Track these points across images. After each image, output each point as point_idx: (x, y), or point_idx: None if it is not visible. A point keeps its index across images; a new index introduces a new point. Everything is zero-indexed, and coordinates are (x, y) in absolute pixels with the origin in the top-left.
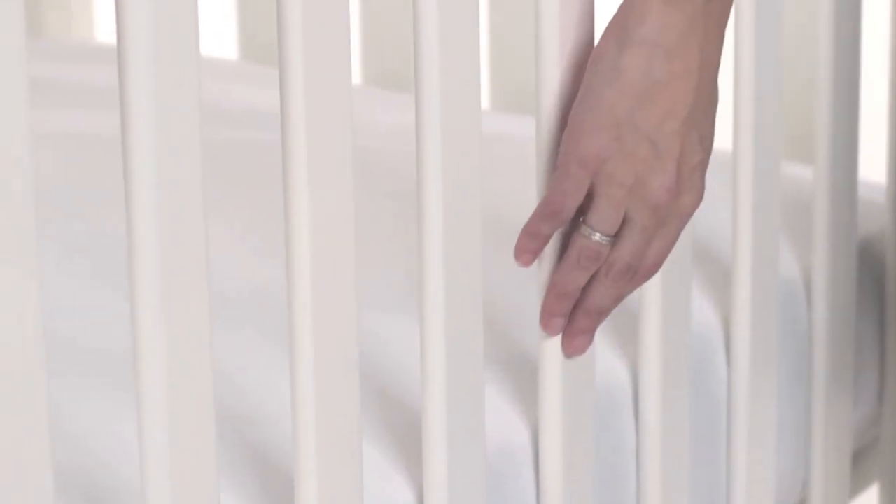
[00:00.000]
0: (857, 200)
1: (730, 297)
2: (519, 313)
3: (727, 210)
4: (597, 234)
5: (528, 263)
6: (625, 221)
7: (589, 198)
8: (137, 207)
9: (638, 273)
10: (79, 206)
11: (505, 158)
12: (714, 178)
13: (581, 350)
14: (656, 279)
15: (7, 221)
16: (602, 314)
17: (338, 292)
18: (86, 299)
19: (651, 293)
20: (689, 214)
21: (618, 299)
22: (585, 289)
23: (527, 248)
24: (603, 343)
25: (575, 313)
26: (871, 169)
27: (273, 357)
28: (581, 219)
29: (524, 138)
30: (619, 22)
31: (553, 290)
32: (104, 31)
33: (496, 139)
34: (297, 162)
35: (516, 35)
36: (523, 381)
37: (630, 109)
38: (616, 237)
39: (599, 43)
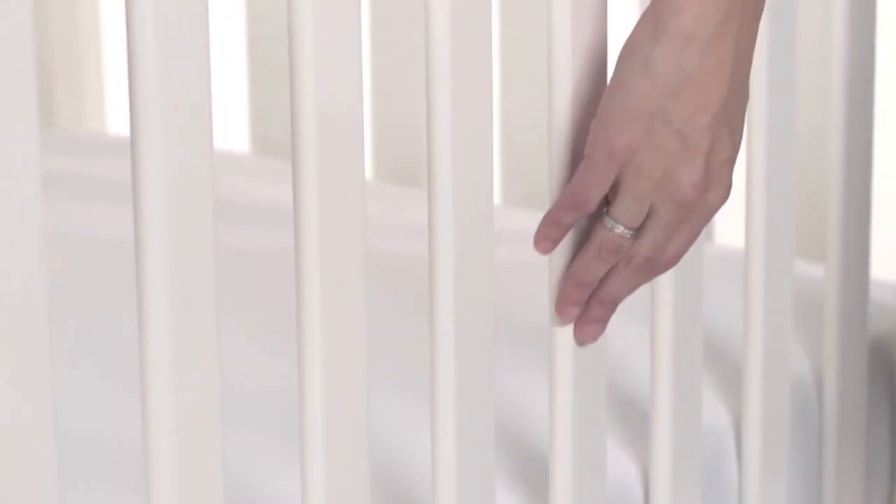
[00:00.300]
0: (868, 300)
1: (741, 397)
2: (531, 416)
3: (738, 309)
4: (619, 226)
5: (546, 251)
6: (648, 215)
7: (613, 189)
8: (149, 304)
9: (656, 266)
10: (91, 303)
11: (517, 254)
12: (725, 277)
13: (593, 338)
14: (668, 381)
15: (19, 319)
16: (616, 303)
17: (349, 393)
18: (97, 399)
19: (662, 393)
20: (715, 211)
21: (633, 289)
22: (602, 278)
23: (547, 236)
24: (614, 445)
25: (589, 302)
26: (882, 268)
27: (284, 458)
28: (605, 210)
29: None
30: (653, 12)
31: (571, 279)
32: (116, 123)
33: (508, 235)
34: (310, 258)
35: (528, 130)
36: (534, 486)
37: (661, 102)
38: (638, 230)
39: (632, 33)
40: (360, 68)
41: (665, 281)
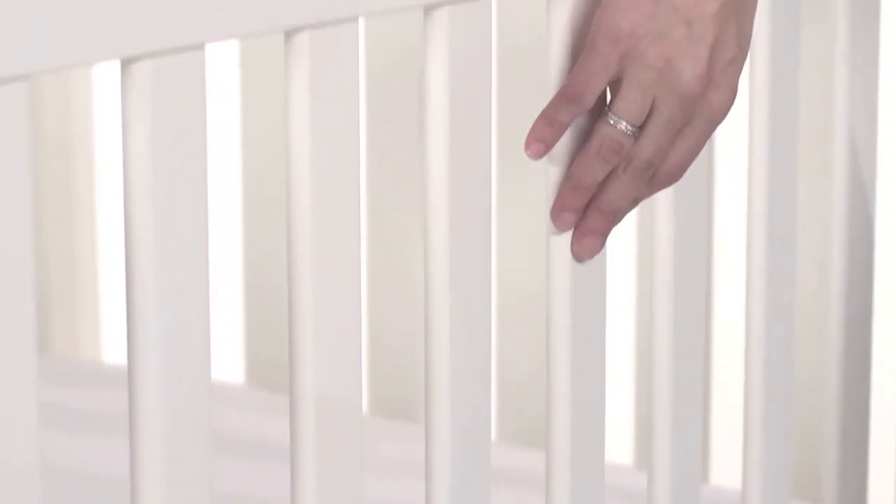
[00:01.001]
0: None
1: None
2: None
3: None
4: (622, 122)
5: (538, 154)
6: (651, 112)
7: (615, 86)
8: None
9: (656, 176)
10: None
11: (512, 495)
12: None
13: (591, 251)
14: None
15: None
16: (616, 215)
17: None
18: None
19: None
20: (719, 115)
21: (633, 201)
22: (601, 186)
23: (540, 137)
24: None
25: (587, 211)
26: None
27: None
28: (606, 107)
29: (532, 473)
30: None
31: (568, 182)
32: (111, 351)
33: (503, 475)
34: (306, 497)
35: (526, 369)
36: None
37: None
38: (640, 129)
39: None
40: (359, 304)
41: None
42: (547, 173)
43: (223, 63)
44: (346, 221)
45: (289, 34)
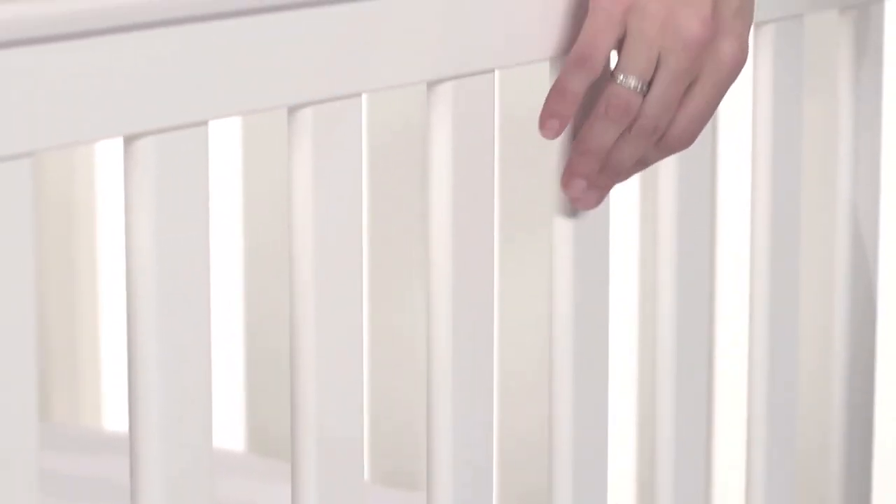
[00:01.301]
0: None
1: None
2: None
3: None
4: (630, 78)
5: (553, 131)
6: (657, 67)
7: (621, 46)
8: None
9: (665, 139)
10: None
11: None
12: None
13: (590, 204)
14: None
15: None
16: (620, 174)
17: None
18: None
19: None
20: (728, 70)
21: (640, 162)
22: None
23: (553, 110)
24: None
25: None
26: None
27: None
28: (613, 69)
29: None
30: None
31: (577, 147)
32: (112, 418)
33: None
34: None
35: (527, 435)
36: None
37: None
38: (648, 86)
39: None
40: (361, 372)
41: None
42: (556, 143)
43: (226, 137)
44: (349, 293)
45: (292, 110)
